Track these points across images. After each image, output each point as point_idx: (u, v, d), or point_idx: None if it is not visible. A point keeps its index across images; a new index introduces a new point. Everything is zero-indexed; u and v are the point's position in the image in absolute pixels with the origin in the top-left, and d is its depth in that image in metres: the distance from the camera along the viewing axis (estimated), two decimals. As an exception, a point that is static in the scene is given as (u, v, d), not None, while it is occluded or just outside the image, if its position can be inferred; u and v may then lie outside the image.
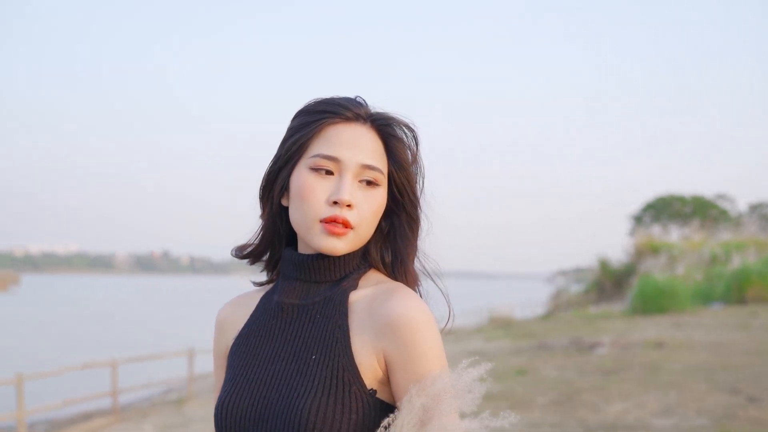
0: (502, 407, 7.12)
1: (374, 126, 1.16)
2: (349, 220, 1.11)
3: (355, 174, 1.13)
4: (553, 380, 9.58)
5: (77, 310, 46.64)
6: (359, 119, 1.15)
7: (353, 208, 1.12)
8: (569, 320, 21.11)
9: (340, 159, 1.12)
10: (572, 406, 7.72)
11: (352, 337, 1.10)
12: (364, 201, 1.13)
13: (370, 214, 1.13)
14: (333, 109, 1.15)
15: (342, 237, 1.12)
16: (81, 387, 12.91)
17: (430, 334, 1.09)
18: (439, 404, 1.05)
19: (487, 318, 26.95)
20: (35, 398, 11.12)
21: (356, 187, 1.13)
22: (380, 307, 1.10)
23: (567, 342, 13.95)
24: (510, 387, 9.10)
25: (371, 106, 1.19)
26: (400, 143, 1.16)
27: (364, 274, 1.19)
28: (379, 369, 1.09)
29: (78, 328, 31.88)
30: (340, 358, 1.09)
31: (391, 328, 1.08)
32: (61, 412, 11.62)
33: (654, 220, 39.55)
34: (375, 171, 1.13)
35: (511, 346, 14.98)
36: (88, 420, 11.48)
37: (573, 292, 36.74)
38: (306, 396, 1.06)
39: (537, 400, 8.12)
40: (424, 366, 1.07)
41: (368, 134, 1.15)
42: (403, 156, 1.16)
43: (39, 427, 11.12)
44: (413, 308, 1.09)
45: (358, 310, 1.12)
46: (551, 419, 7.19)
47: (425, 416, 1.05)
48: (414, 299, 1.11)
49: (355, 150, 1.13)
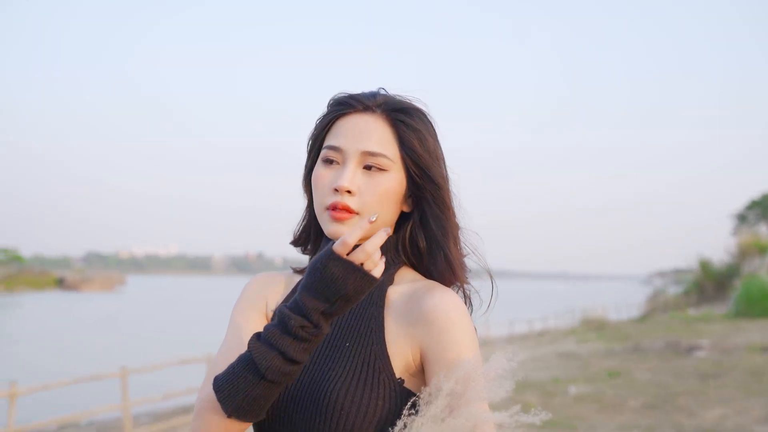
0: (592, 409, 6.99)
1: (383, 114, 1.18)
2: (348, 205, 1.14)
3: (358, 161, 1.16)
4: (646, 383, 9.25)
5: (177, 309, 48.75)
6: (368, 109, 1.18)
7: (354, 195, 1.15)
8: (666, 322, 20.30)
9: (341, 148, 1.17)
10: (666, 410, 7.44)
11: (386, 329, 1.14)
12: (367, 186, 1.15)
13: (374, 198, 1.15)
14: (345, 101, 1.20)
15: (345, 222, 1.15)
16: (179, 381, 13.49)
17: (462, 326, 1.12)
18: (468, 390, 1.06)
19: (579, 320, 26.32)
20: (138, 391, 11.70)
21: (359, 174, 1.16)
22: (417, 302, 1.14)
23: (663, 344, 13.44)
24: (600, 389, 8.86)
25: (386, 95, 1.21)
26: (409, 128, 1.17)
27: (399, 269, 1.22)
28: (411, 361, 1.13)
29: (177, 326, 33.34)
30: (372, 347, 1.13)
31: (427, 320, 1.12)
32: (162, 404, 12.18)
33: (760, 219, 37.40)
34: (378, 157, 1.15)
35: (604, 348, 14.56)
36: (187, 413, 11.97)
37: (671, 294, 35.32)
38: (336, 380, 1.11)
39: (629, 403, 7.87)
40: (455, 355, 1.10)
41: (376, 122, 1.17)
42: (413, 140, 1.17)
43: (142, 419, 11.70)
44: (448, 302, 1.12)
45: (395, 305, 1.16)
46: (644, 422, 6.96)
47: (453, 402, 1.06)
48: (450, 294, 1.14)
49: (358, 138, 1.16)
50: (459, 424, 1.04)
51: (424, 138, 1.18)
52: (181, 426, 10.93)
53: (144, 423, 11.23)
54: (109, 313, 44.04)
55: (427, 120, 1.21)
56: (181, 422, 11.10)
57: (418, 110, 1.21)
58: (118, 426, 10.81)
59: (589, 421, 7.09)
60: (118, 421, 11.19)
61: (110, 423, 11.52)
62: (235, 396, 1.06)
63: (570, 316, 29.07)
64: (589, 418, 7.19)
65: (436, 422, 1.05)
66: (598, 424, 6.97)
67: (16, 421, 8.94)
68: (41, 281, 77.95)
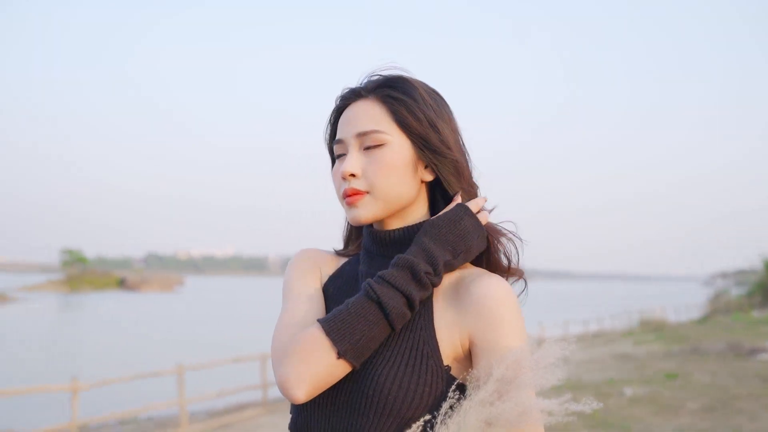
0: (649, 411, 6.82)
1: (372, 95, 1.20)
2: (355, 188, 1.17)
3: (357, 145, 1.19)
4: (705, 385, 8.98)
5: (233, 309, 49.66)
6: (359, 96, 1.21)
7: (359, 177, 1.17)
8: (728, 324, 19.66)
9: (341, 139, 1.21)
10: (726, 413, 7.20)
11: (435, 314, 1.14)
12: (369, 164, 1.17)
13: (380, 173, 1.16)
14: (342, 96, 1.24)
15: (357, 204, 1.18)
16: (233, 379, 13.74)
17: (512, 313, 1.11)
18: (518, 377, 1.05)
19: (637, 321, 25.73)
20: (193, 388, 11.96)
21: (362, 157, 1.18)
22: (466, 289, 1.13)
23: (724, 347, 13.02)
24: (657, 391, 8.64)
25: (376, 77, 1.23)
26: (396, 100, 1.18)
27: None
28: (460, 348, 1.12)
29: (232, 326, 33.95)
30: (421, 332, 1.12)
31: (477, 308, 1.11)
32: (216, 402, 12.42)
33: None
34: (371, 134, 1.17)
35: (662, 349, 14.20)
36: (241, 410, 12.18)
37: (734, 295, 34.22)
38: (384, 365, 1.10)
39: (687, 406, 7.65)
40: (506, 342, 1.09)
41: (366, 105, 1.20)
42: (401, 111, 1.17)
43: (198, 415, 11.95)
44: (498, 289, 1.12)
45: (444, 291, 1.16)
46: (702, 425, 6.75)
47: (502, 387, 1.05)
48: (499, 281, 1.14)
49: (351, 124, 1.19)
50: (507, 408, 1.04)
51: (413, 106, 1.18)
52: (236, 422, 11.11)
53: (199, 419, 11.46)
54: (167, 313, 45.15)
55: (415, 88, 1.19)
56: (235, 419, 11.29)
57: (404, 80, 1.20)
58: (175, 422, 11.06)
59: (644, 422, 6.92)
60: (174, 417, 11.46)
61: (167, 419, 11.79)
62: (351, 336, 1.07)
63: (627, 317, 28.45)
64: (644, 420, 7.02)
65: (484, 406, 1.05)
66: (654, 426, 6.79)
67: (79, 415, 9.24)
68: (103, 281, 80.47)
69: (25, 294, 63.66)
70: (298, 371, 1.07)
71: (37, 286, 72.94)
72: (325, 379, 1.08)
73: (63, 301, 56.20)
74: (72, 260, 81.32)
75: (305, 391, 1.07)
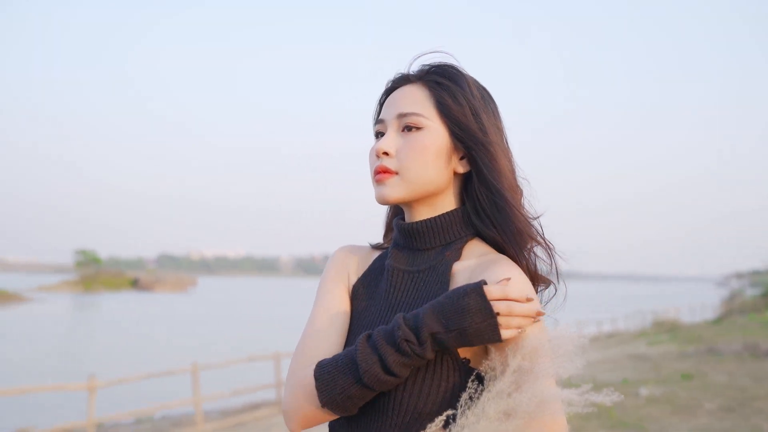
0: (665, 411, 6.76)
1: (419, 80, 1.22)
2: (386, 166, 1.18)
3: (396, 126, 1.20)
4: (722, 386, 8.92)
5: (245, 310, 49.82)
6: (407, 81, 1.23)
7: (391, 156, 1.19)
8: (744, 325, 19.51)
9: (382, 119, 1.23)
10: (745, 414, 7.15)
11: None
12: (404, 145, 1.18)
13: (412, 156, 1.17)
14: (391, 80, 1.26)
15: (385, 182, 1.18)
16: (247, 378, 13.79)
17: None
18: (535, 366, 1.04)
19: (650, 322, 25.59)
20: (207, 387, 12.02)
21: (398, 137, 1.20)
22: (479, 276, 1.11)
23: (740, 347, 12.93)
24: (673, 391, 8.59)
25: (426, 64, 1.24)
26: (440, 86, 1.19)
27: (468, 242, 1.20)
28: None
29: (245, 326, 34.06)
30: None
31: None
32: (230, 401, 12.47)
33: None
34: (411, 116, 1.18)
35: (677, 350, 14.12)
36: (255, 410, 12.22)
37: (749, 296, 33.97)
38: None
39: (704, 406, 7.60)
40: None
41: (412, 89, 1.21)
42: (445, 97, 1.18)
43: (212, 414, 12.00)
44: (510, 275, 1.09)
45: (459, 281, 1.14)
46: (720, 426, 6.71)
47: (520, 378, 1.04)
48: (514, 268, 1.11)
49: (394, 106, 1.21)
50: (525, 399, 1.02)
51: (457, 93, 1.18)
52: (250, 421, 11.15)
53: (214, 418, 11.51)
54: (181, 313, 45.35)
55: (461, 76, 1.21)
56: (249, 417, 11.33)
57: (452, 68, 1.22)
58: (190, 420, 11.11)
59: (660, 423, 6.88)
60: (189, 416, 11.51)
61: (183, 417, 11.85)
62: (332, 390, 1.08)
63: (640, 317, 28.30)
64: (660, 420, 6.98)
65: (502, 397, 1.04)
66: (671, 426, 6.76)
67: (96, 412, 9.30)
68: (117, 282, 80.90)
69: (40, 294, 64.14)
70: (292, 407, 1.12)
71: (51, 287, 73.46)
72: (314, 420, 1.12)
73: (77, 301, 56.59)
74: (86, 261, 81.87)
75: (296, 427, 1.13)
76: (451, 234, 1.20)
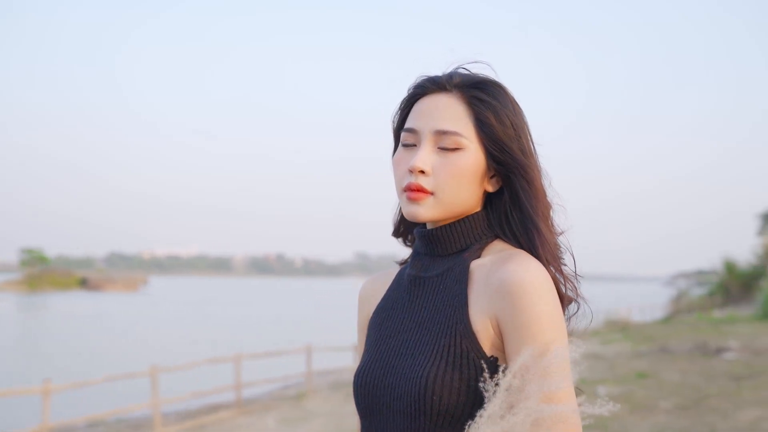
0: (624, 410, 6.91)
1: (458, 92, 1.16)
2: (422, 185, 1.13)
3: (433, 141, 1.15)
4: (676, 384, 9.19)
5: (199, 310, 49.13)
6: (443, 89, 1.17)
7: (428, 175, 1.13)
8: (692, 324, 20.10)
9: (416, 129, 1.16)
10: (700, 412, 7.39)
11: (470, 305, 1.11)
12: (442, 166, 1.13)
13: (449, 178, 1.13)
14: (422, 84, 1.19)
15: (419, 202, 1.14)
16: (206, 380, 13.61)
17: (544, 299, 1.06)
18: (526, 384, 1.02)
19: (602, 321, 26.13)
20: (164, 390, 11.82)
21: (434, 154, 1.14)
22: (496, 272, 1.09)
23: (691, 346, 13.32)
24: (630, 390, 8.81)
25: (463, 73, 1.18)
26: (483, 104, 1.14)
27: (489, 243, 1.18)
28: (494, 335, 1.09)
29: (199, 326, 33.60)
30: (457, 326, 1.10)
31: (504, 291, 1.07)
32: (190, 403, 12.30)
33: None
34: (452, 135, 1.13)
35: (630, 349, 14.47)
36: (215, 412, 12.08)
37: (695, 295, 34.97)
38: (426, 364, 1.09)
39: (661, 405, 7.83)
40: (536, 331, 1.05)
41: (449, 101, 1.15)
42: (488, 116, 1.14)
43: (171, 417, 11.81)
44: (529, 271, 1.07)
45: (477, 278, 1.13)
46: (678, 424, 6.92)
47: (512, 398, 1.03)
48: (532, 263, 1.09)
49: (431, 118, 1.15)
50: (518, 420, 0.99)
51: (501, 112, 1.14)
52: (210, 424, 11.02)
53: (173, 421, 11.34)
54: (133, 313, 44.48)
55: (504, 93, 1.17)
56: (209, 420, 11.20)
57: (494, 83, 1.17)
58: (148, 424, 10.92)
59: (621, 421, 7.06)
60: (146, 419, 11.31)
61: (139, 421, 11.64)
62: None
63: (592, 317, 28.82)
64: (620, 419, 7.16)
65: (495, 421, 1.01)
66: (630, 425, 6.94)
67: (50, 418, 9.07)
68: (65, 281, 78.78)
69: (-18, 294, 62.08)
70: None
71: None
72: None
73: (23, 302, 54.96)
74: (32, 259, 79.53)
75: None
76: (470, 238, 1.17)
